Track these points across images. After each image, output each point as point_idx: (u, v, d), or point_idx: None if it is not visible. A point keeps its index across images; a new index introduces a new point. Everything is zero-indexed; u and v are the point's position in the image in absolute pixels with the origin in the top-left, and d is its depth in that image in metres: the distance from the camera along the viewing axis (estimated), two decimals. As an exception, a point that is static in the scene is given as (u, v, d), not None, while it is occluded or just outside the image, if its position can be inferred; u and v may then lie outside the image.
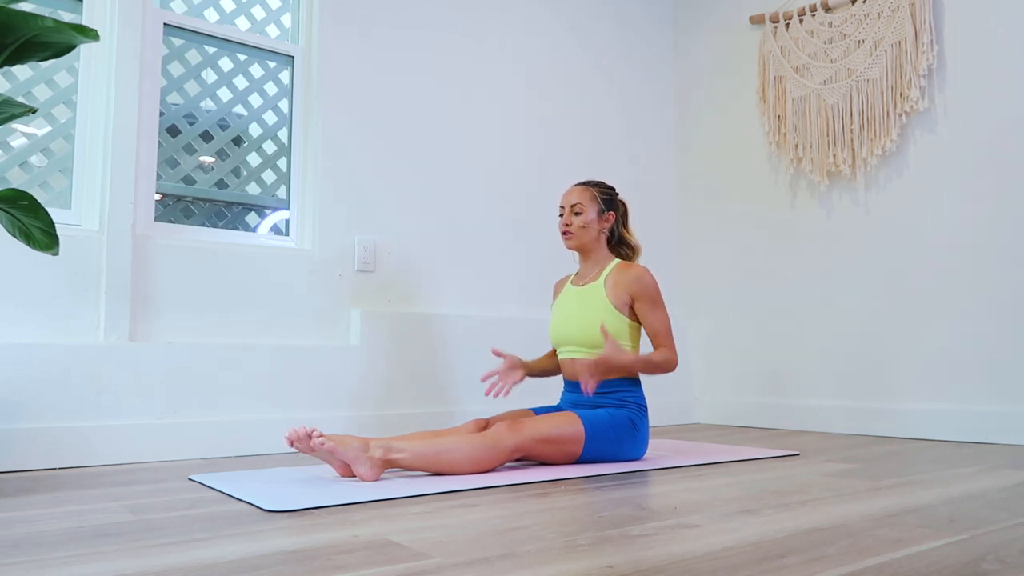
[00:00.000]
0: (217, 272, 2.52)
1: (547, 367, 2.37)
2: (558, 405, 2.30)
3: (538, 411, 2.23)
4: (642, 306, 2.19)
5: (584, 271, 2.32)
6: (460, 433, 2.02)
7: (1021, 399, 2.61)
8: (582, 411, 2.11)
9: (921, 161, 2.94)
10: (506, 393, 2.21)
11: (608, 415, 2.11)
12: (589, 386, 2.04)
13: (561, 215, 2.30)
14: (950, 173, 2.86)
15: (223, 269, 2.53)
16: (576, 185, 2.32)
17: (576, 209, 2.26)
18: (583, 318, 2.20)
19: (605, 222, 2.29)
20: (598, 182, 2.34)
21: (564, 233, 2.28)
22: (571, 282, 2.35)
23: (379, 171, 2.90)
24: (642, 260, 3.64)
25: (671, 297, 3.75)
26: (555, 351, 2.36)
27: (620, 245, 2.36)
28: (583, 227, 2.25)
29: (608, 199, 2.30)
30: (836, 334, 3.16)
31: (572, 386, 2.25)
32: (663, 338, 2.19)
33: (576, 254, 2.35)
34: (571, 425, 2.04)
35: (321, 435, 1.76)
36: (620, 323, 2.18)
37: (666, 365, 2.16)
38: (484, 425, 2.12)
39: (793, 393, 3.29)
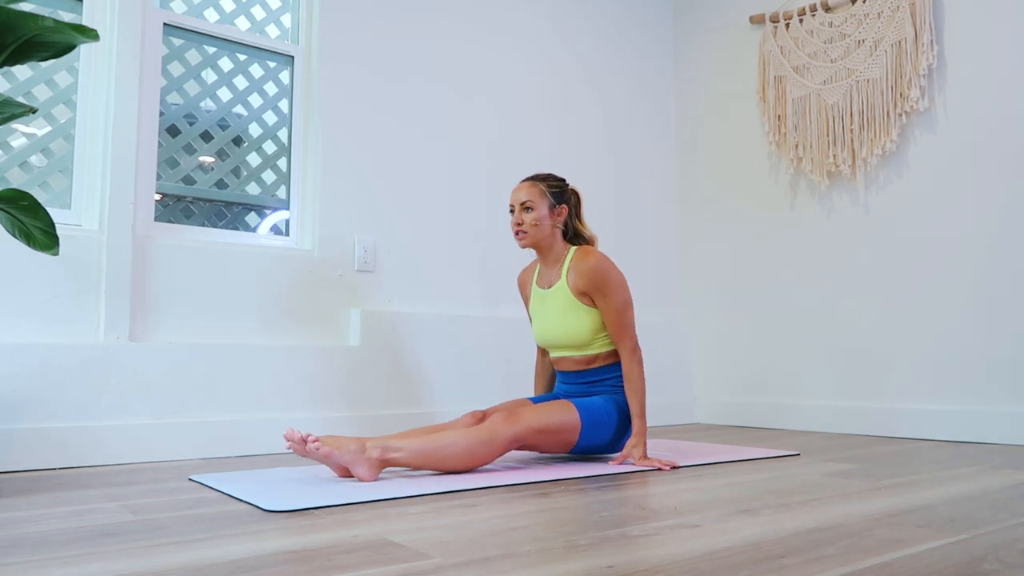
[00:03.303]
0: (217, 272, 2.52)
1: (553, 375, 2.39)
2: (554, 394, 2.31)
3: (535, 400, 2.24)
4: (596, 298, 2.12)
5: (545, 270, 2.24)
6: (457, 427, 2.02)
7: (1021, 399, 2.61)
8: (577, 400, 2.11)
9: (921, 161, 2.94)
10: None
11: (604, 402, 2.11)
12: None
13: (512, 213, 2.18)
14: (950, 173, 2.85)
15: (223, 269, 2.53)
16: (524, 181, 2.20)
17: (527, 206, 2.15)
18: (563, 325, 2.16)
19: (558, 216, 2.18)
20: (546, 175, 2.22)
21: (516, 233, 2.16)
22: (536, 282, 2.28)
23: (379, 171, 2.89)
24: (642, 261, 3.66)
25: (671, 297, 3.76)
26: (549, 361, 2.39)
27: (576, 237, 2.26)
28: (535, 225, 2.14)
29: (558, 192, 2.19)
30: (836, 334, 3.16)
31: (566, 376, 2.24)
32: (618, 334, 2.11)
33: (534, 252, 2.25)
34: (567, 414, 2.04)
35: (316, 439, 1.75)
36: (592, 318, 2.14)
37: (639, 370, 2.09)
38: (481, 417, 2.10)
39: (793, 393, 3.29)
